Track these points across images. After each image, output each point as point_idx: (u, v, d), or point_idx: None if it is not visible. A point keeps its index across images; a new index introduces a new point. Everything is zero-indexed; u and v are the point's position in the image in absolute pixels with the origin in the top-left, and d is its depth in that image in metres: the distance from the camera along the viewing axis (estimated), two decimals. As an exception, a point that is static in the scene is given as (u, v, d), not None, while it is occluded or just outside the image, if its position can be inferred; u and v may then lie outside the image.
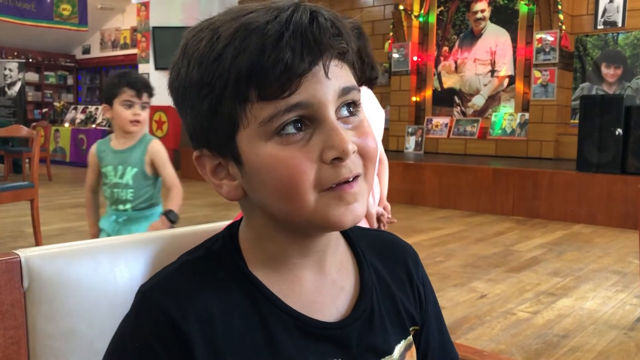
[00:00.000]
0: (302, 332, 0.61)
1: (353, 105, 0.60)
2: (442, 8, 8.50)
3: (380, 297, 0.68)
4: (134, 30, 11.28)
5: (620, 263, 4.01)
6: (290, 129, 0.56)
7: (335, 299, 0.65)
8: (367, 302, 0.66)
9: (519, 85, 7.77)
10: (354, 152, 0.57)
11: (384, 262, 0.72)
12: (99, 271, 0.74)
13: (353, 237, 0.71)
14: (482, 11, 8.12)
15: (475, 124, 8.08)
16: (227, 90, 0.56)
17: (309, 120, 0.57)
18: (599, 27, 7.21)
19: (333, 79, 0.57)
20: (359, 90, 0.61)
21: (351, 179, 0.58)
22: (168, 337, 0.57)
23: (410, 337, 0.70)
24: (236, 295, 0.61)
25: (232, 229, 0.67)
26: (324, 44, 0.56)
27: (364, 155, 0.59)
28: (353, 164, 0.58)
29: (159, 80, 10.56)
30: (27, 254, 0.69)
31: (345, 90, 0.58)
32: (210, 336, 0.58)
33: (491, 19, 8.05)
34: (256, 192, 0.60)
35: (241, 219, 0.68)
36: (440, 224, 5.47)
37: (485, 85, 8.12)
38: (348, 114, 0.60)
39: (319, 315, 0.63)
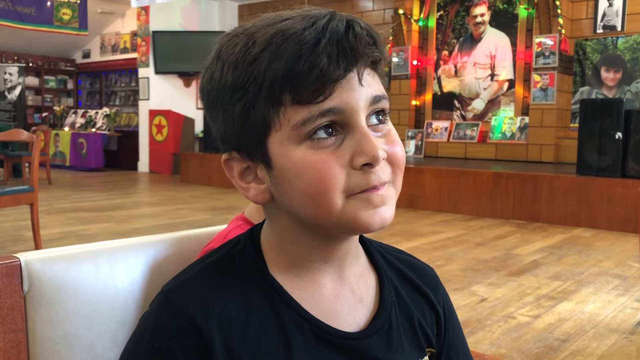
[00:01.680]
0: (319, 339, 0.61)
1: (382, 114, 0.61)
2: (441, 12, 8.51)
3: (399, 316, 0.68)
4: (134, 34, 11.27)
5: (620, 267, 4.00)
6: (322, 134, 0.57)
7: (353, 309, 0.65)
8: (386, 317, 0.66)
9: (519, 89, 7.78)
10: (383, 158, 0.58)
11: (403, 281, 0.72)
12: (99, 275, 0.74)
13: (374, 252, 0.72)
14: (482, 15, 8.13)
15: (475, 128, 8.08)
16: (261, 94, 0.57)
17: (341, 126, 0.58)
18: (598, 31, 7.22)
19: (366, 86, 0.58)
20: (388, 100, 0.62)
21: (379, 187, 0.59)
22: (188, 338, 0.57)
23: (427, 358, 0.70)
24: (256, 298, 0.61)
25: (254, 231, 0.68)
26: (360, 51, 0.57)
27: (393, 162, 0.60)
28: (382, 171, 0.59)
29: (159, 84, 10.58)
30: (27, 257, 0.69)
31: (377, 99, 0.59)
32: (228, 339, 0.58)
33: (491, 23, 8.06)
34: (284, 196, 0.60)
35: (263, 222, 0.68)
36: (440, 227, 5.47)
37: (485, 89, 8.13)
38: (377, 122, 0.61)
39: (336, 323, 0.63)
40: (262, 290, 0.62)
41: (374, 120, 0.60)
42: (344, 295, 0.65)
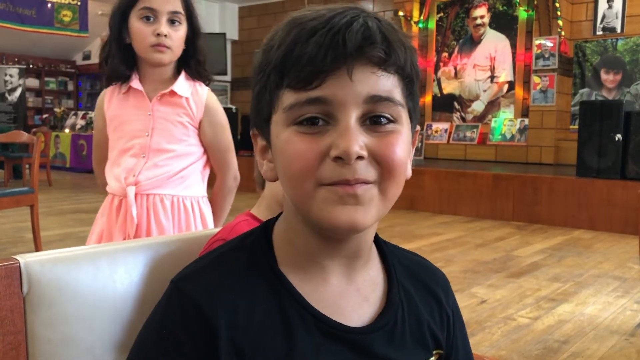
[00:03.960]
0: (322, 333, 0.62)
1: (385, 118, 0.60)
2: (441, 14, 8.52)
3: (407, 316, 0.69)
4: (135, 36, 11.27)
5: (620, 268, 4.00)
6: (308, 121, 0.59)
7: (358, 307, 0.66)
8: (391, 316, 0.67)
9: (519, 91, 7.78)
10: (359, 156, 0.57)
11: (415, 283, 0.72)
12: (99, 277, 0.74)
13: (388, 254, 0.72)
14: (482, 17, 8.14)
15: (475, 130, 8.08)
16: (270, 76, 0.61)
17: (329, 117, 0.58)
18: (598, 33, 7.22)
19: (359, 83, 0.58)
20: (400, 104, 0.61)
21: (353, 183, 0.58)
22: (194, 326, 0.59)
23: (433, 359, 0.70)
24: (262, 289, 0.63)
25: (269, 223, 0.69)
26: (354, 46, 0.57)
27: (382, 164, 0.59)
28: (363, 168, 0.58)
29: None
30: (26, 259, 0.69)
31: (375, 98, 0.58)
32: (233, 328, 0.59)
33: (490, 25, 8.07)
34: (279, 175, 0.64)
35: (278, 216, 0.70)
36: (440, 229, 5.46)
37: (484, 90, 8.13)
38: (372, 124, 0.59)
39: (339, 318, 0.64)
40: (268, 282, 0.63)
41: (370, 121, 0.59)
42: (349, 293, 0.66)
